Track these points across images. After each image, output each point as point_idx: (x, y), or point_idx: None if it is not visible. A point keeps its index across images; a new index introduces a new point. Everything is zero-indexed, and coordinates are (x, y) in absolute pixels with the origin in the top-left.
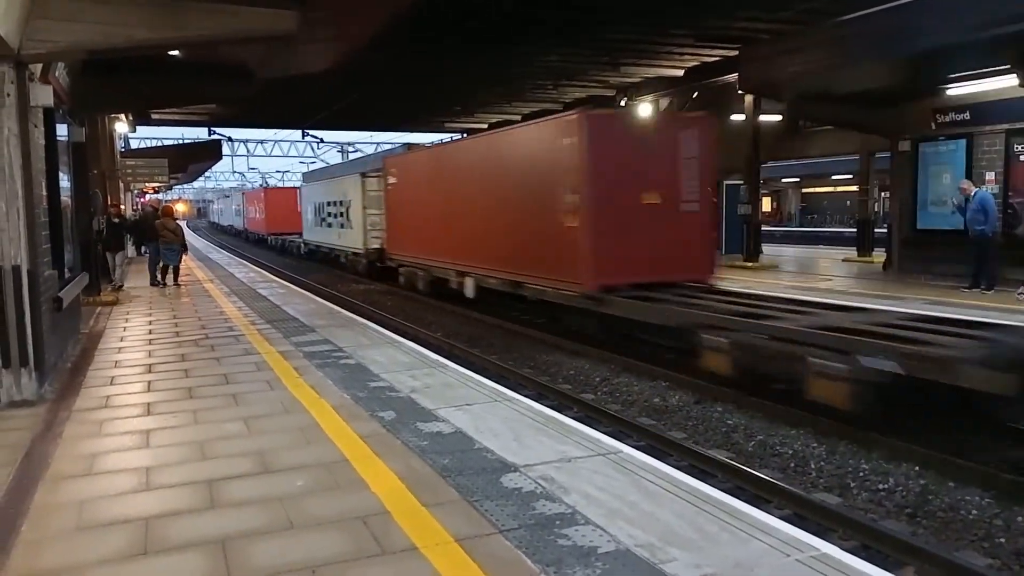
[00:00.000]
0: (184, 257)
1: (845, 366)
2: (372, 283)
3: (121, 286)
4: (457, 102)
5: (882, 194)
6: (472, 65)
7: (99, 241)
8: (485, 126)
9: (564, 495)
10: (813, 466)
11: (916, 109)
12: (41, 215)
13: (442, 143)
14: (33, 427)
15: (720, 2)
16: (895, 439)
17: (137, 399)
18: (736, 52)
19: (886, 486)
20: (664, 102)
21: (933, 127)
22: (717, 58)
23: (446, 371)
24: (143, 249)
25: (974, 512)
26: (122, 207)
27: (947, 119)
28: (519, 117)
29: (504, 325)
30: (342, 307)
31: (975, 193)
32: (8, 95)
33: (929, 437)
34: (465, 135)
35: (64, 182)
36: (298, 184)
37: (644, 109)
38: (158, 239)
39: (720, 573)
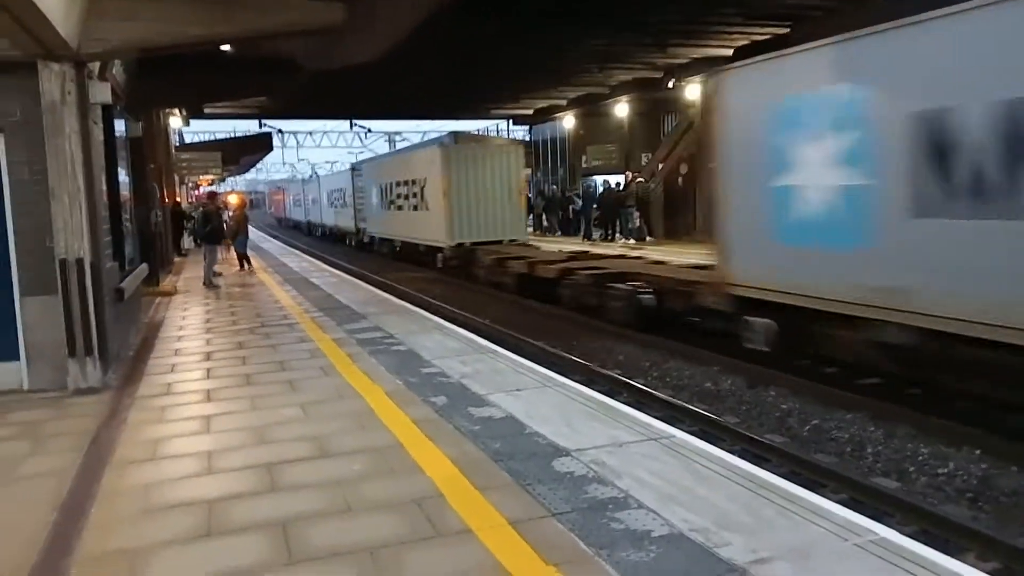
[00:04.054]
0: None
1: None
2: (420, 270)
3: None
4: (503, 88)
5: None
6: (517, 50)
7: (198, 234)
8: (531, 112)
9: (616, 479)
10: (870, 450)
11: None
12: (102, 209)
13: None
14: (98, 413)
15: None
16: (955, 423)
17: (197, 386)
18: (787, 30)
19: (946, 470)
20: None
21: None
22: (768, 36)
23: (496, 357)
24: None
25: None
26: (179, 199)
27: None
28: (564, 102)
29: (552, 311)
30: (392, 295)
31: None
32: (69, 93)
33: (989, 419)
34: (511, 121)
35: (123, 176)
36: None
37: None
38: (235, 233)
39: (776, 557)
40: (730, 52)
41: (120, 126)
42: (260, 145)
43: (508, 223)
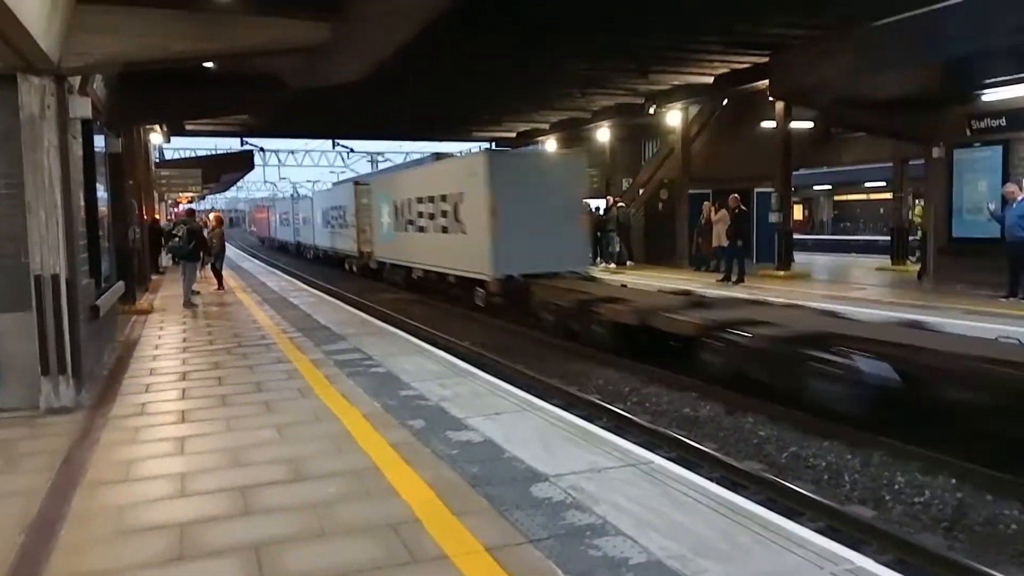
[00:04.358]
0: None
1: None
2: (400, 292)
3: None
4: (485, 110)
5: (916, 201)
6: (500, 73)
7: (179, 253)
8: (513, 135)
9: (594, 505)
10: (847, 478)
11: (950, 115)
12: (79, 225)
13: None
14: (71, 433)
15: (751, 8)
16: (931, 450)
17: (172, 406)
18: (767, 58)
19: (922, 499)
20: (693, 110)
21: (968, 133)
22: (747, 64)
23: (475, 380)
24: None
25: (1013, 526)
26: (158, 216)
27: (983, 125)
28: (547, 126)
29: (532, 335)
30: (372, 316)
31: (1020, 199)
32: (48, 107)
33: (966, 448)
34: (493, 144)
35: (101, 192)
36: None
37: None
38: (218, 251)
39: None
40: (711, 80)
41: (100, 141)
42: (242, 163)
43: (567, 251)
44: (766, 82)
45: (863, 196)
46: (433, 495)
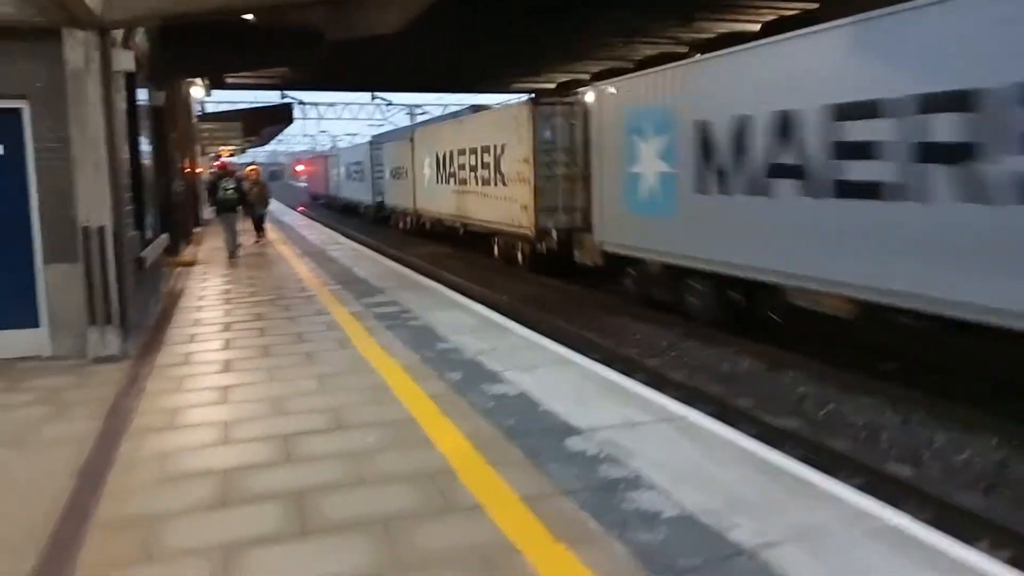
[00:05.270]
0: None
1: None
2: (437, 245)
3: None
4: (526, 61)
5: None
6: (540, 21)
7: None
8: (553, 86)
9: (628, 459)
10: (886, 436)
11: None
12: (124, 177)
13: None
14: (118, 382)
15: None
16: (972, 409)
17: (216, 356)
18: (817, 4)
19: (961, 458)
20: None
21: None
22: (796, 11)
23: (512, 334)
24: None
25: None
26: (201, 169)
27: None
28: (588, 76)
29: (570, 289)
30: (410, 268)
31: None
32: (92, 61)
33: (1008, 406)
34: (533, 95)
35: (145, 146)
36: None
37: None
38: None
39: (785, 541)
40: (757, 27)
41: (142, 95)
42: (281, 116)
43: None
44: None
45: None
46: (469, 446)
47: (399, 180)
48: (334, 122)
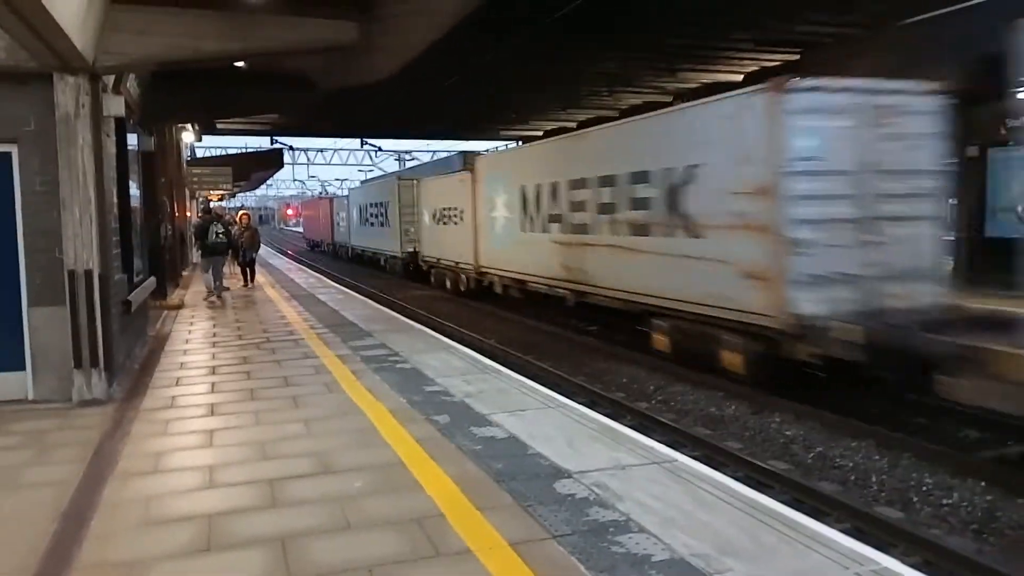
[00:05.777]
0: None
1: None
2: (426, 288)
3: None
4: (513, 109)
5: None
6: (529, 71)
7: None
8: (540, 134)
9: (618, 502)
10: (875, 479)
11: (985, 114)
12: (112, 221)
13: None
14: (103, 425)
15: (783, 5)
16: (961, 452)
17: (201, 399)
18: (798, 56)
19: (951, 501)
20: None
21: (1003, 132)
22: (777, 62)
23: (500, 377)
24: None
25: None
26: (189, 213)
27: (1019, 123)
28: (575, 124)
29: (558, 332)
30: (398, 312)
31: None
32: (83, 106)
33: (994, 449)
34: (520, 143)
35: (134, 190)
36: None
37: None
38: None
39: None
40: (740, 77)
41: (133, 139)
42: (271, 161)
43: None
44: None
45: None
46: (457, 490)
47: (448, 226)
48: (323, 168)
